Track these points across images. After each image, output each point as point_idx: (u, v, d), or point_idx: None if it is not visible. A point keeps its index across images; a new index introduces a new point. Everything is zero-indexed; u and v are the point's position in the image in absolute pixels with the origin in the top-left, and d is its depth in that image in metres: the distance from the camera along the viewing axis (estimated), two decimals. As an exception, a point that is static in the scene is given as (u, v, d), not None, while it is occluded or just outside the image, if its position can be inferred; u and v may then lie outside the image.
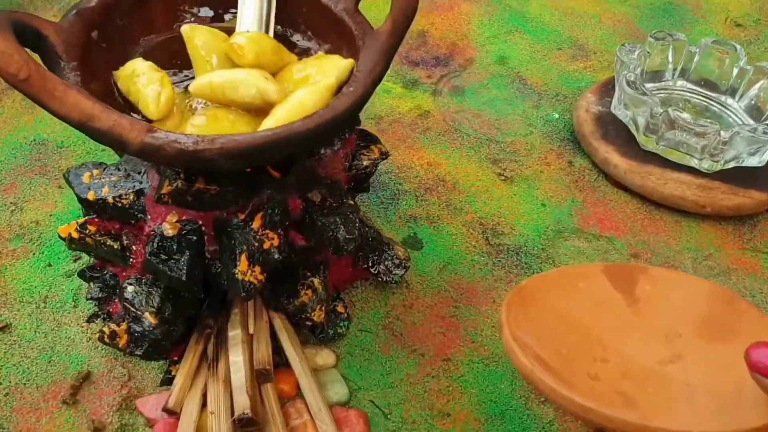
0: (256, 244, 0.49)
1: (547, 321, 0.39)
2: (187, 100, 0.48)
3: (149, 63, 0.48)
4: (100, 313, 0.57)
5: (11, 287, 0.59)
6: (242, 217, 0.50)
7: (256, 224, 0.50)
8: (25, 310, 0.57)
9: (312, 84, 0.47)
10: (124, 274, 0.53)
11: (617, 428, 0.32)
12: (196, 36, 0.49)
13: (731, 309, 0.37)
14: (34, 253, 0.61)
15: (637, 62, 0.76)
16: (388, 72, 0.51)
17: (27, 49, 0.44)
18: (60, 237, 0.52)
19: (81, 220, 0.51)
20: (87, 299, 0.57)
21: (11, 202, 0.65)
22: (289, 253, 0.53)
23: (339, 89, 0.47)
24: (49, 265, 0.61)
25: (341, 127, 0.47)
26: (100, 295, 0.56)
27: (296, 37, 0.55)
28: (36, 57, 0.46)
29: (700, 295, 0.39)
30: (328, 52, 0.53)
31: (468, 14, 0.97)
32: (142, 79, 0.47)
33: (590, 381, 0.35)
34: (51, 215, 0.64)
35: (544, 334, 0.38)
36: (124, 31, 0.51)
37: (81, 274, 0.56)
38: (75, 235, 0.51)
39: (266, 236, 0.50)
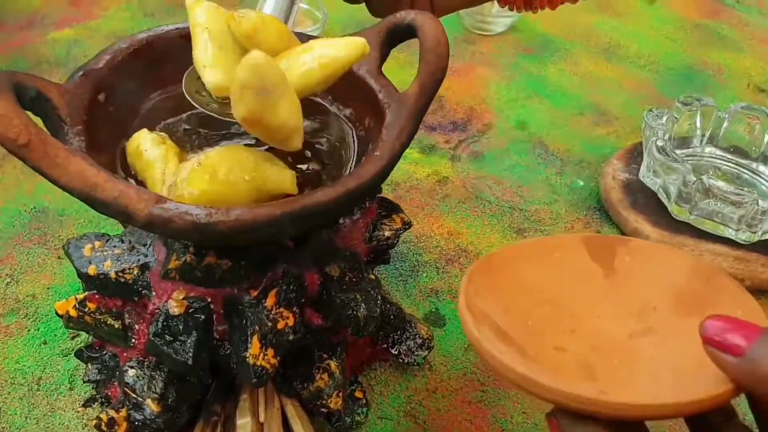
0: (270, 323, 0.45)
1: (516, 291, 0.37)
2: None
3: (153, 136, 0.44)
4: (97, 397, 0.52)
5: (2, 367, 0.54)
6: (255, 293, 0.45)
7: (269, 302, 0.45)
8: (17, 393, 0.53)
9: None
10: (125, 355, 0.49)
11: (564, 402, 0.30)
12: (199, 7, 0.45)
13: (710, 283, 0.35)
14: (28, 330, 0.57)
15: (665, 128, 0.73)
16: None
17: (28, 113, 0.41)
18: (57, 314, 0.47)
19: (80, 296, 0.47)
20: (84, 381, 0.52)
21: (7, 274, 0.61)
22: (305, 333, 0.49)
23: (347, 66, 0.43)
24: (45, 342, 0.56)
25: (366, 195, 0.44)
26: (98, 377, 0.52)
27: (317, 100, 0.52)
28: (38, 121, 0.43)
29: (680, 269, 0.37)
30: (351, 115, 0.50)
31: (485, 79, 0.95)
32: (146, 155, 0.43)
33: (555, 352, 0.34)
34: (48, 288, 0.60)
35: (511, 304, 0.36)
36: (134, 91, 0.48)
37: (78, 354, 0.52)
38: (73, 313, 0.47)
39: (280, 315, 0.46)
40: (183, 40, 0.50)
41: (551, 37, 1.05)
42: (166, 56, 0.50)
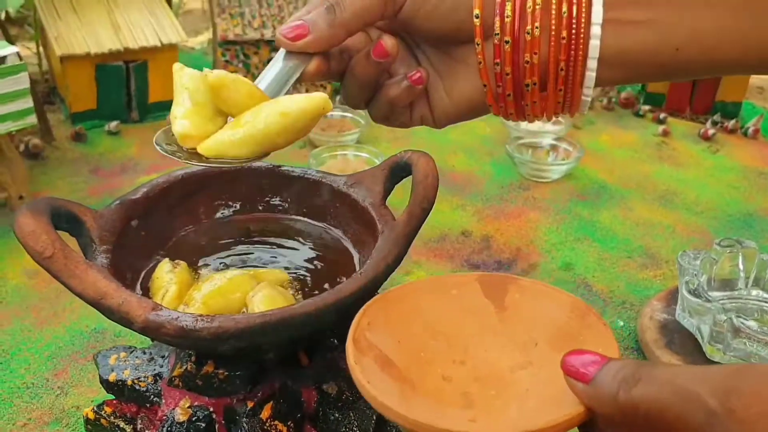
0: (263, 435, 0.48)
1: (412, 323, 0.41)
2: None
3: (168, 262, 0.50)
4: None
5: (36, 471, 0.59)
6: (251, 405, 0.48)
7: (265, 414, 0.48)
8: (44, 496, 0.57)
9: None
10: (134, 459, 0.52)
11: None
12: (183, 73, 0.46)
13: (583, 322, 0.39)
14: (67, 438, 0.62)
15: (700, 269, 0.72)
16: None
17: (65, 233, 0.48)
18: (84, 417, 0.52)
19: (100, 401, 0.52)
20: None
21: (59, 387, 0.67)
22: (303, 449, 0.51)
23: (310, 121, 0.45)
24: (79, 450, 0.60)
25: (348, 311, 0.47)
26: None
27: (323, 223, 0.57)
28: (73, 240, 0.50)
29: (561, 307, 0.40)
30: (353, 239, 0.55)
31: (536, 222, 0.97)
32: (160, 279, 0.49)
33: (441, 382, 0.38)
34: (92, 401, 0.65)
35: (405, 335, 0.40)
36: (166, 221, 0.55)
37: (100, 461, 0.55)
38: (91, 416, 0.51)
39: (275, 428, 0.48)
40: (216, 177, 0.57)
41: (607, 185, 1.08)
42: (198, 191, 0.57)
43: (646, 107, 1.31)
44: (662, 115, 1.27)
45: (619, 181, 1.09)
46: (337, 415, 0.50)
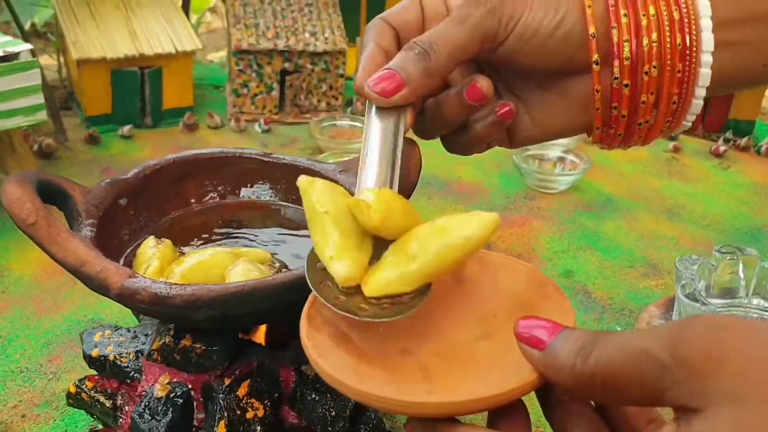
0: (239, 411, 0.48)
1: None
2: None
3: (153, 239, 0.51)
4: (93, 481, 0.56)
5: (22, 449, 0.59)
6: (228, 381, 0.49)
7: (241, 391, 0.49)
8: (27, 473, 0.57)
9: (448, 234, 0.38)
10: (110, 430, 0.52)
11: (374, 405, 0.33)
12: (314, 189, 0.39)
13: (541, 291, 0.39)
14: (54, 420, 0.62)
15: (697, 274, 0.72)
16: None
17: (53, 206, 0.49)
18: (67, 392, 0.53)
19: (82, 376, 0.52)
20: (84, 465, 0.56)
21: (52, 372, 0.68)
22: (278, 431, 0.51)
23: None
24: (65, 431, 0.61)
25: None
26: (96, 462, 0.55)
27: None
28: (61, 215, 0.51)
29: (520, 278, 0.40)
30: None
31: (538, 230, 0.97)
32: (143, 254, 0.50)
33: (399, 356, 0.37)
34: (83, 386, 0.66)
35: None
36: (155, 203, 0.56)
37: (83, 439, 0.56)
38: (72, 389, 0.52)
39: (251, 405, 0.48)
40: (206, 163, 0.58)
41: (613, 197, 1.07)
42: (189, 175, 0.58)
43: (658, 124, 1.30)
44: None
45: (626, 194, 1.08)
46: (314, 396, 0.50)
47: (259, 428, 0.48)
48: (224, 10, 1.30)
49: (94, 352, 0.52)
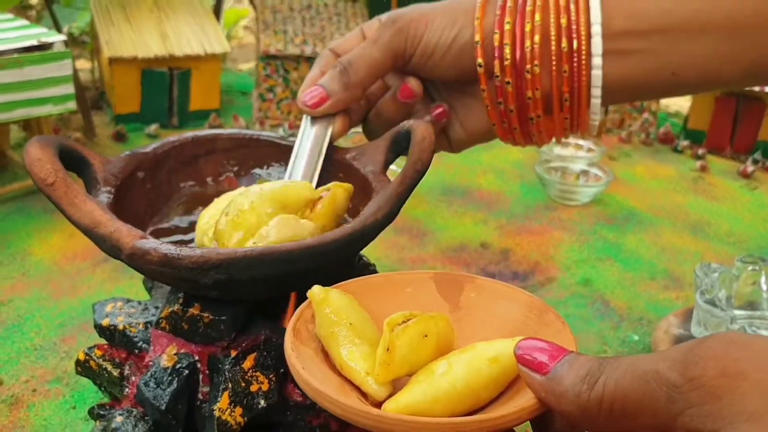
0: (243, 384, 0.48)
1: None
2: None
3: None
4: (98, 454, 0.55)
5: (30, 421, 0.60)
6: (234, 353, 0.49)
7: (247, 364, 0.48)
8: (34, 444, 0.57)
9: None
10: (119, 406, 0.52)
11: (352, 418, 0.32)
12: (330, 301, 0.39)
13: (540, 319, 0.36)
14: (64, 396, 0.63)
15: (718, 282, 0.70)
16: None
17: (75, 174, 0.50)
18: (76, 359, 0.53)
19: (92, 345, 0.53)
20: (89, 437, 0.56)
21: (65, 351, 0.68)
22: (285, 409, 0.50)
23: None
24: (74, 407, 0.61)
25: (330, 261, 0.47)
26: (102, 435, 0.55)
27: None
28: (81, 182, 0.51)
29: (518, 306, 0.38)
30: (352, 206, 0.55)
31: (558, 240, 0.96)
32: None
33: None
34: (95, 365, 0.66)
35: None
36: (172, 179, 0.56)
37: (90, 411, 0.56)
38: (81, 357, 0.52)
39: (256, 378, 0.48)
40: (225, 143, 0.59)
41: (637, 211, 1.06)
42: (207, 154, 0.58)
43: (686, 143, 1.29)
44: (701, 151, 1.25)
45: (650, 209, 1.07)
46: (320, 373, 0.49)
47: (262, 401, 0.48)
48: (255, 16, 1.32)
49: (105, 322, 0.53)
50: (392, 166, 0.55)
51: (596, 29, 0.45)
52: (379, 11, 1.55)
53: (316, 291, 0.38)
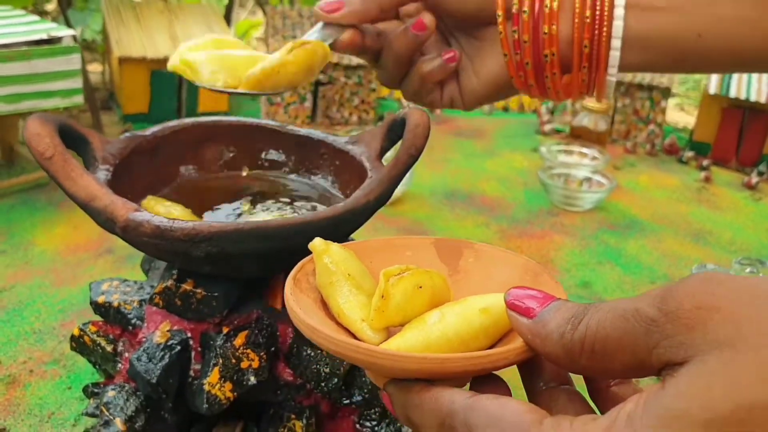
0: (234, 360, 0.48)
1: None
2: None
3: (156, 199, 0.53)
4: (93, 429, 0.56)
5: (26, 400, 0.60)
6: (226, 330, 0.49)
7: (238, 341, 0.49)
8: (28, 422, 0.58)
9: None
10: (112, 382, 0.53)
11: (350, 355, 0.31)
12: (330, 252, 0.38)
13: (536, 280, 0.37)
14: (60, 377, 0.63)
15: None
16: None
17: (75, 152, 0.51)
18: (71, 335, 0.54)
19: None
20: (83, 414, 0.56)
21: (63, 335, 0.69)
22: (275, 388, 0.51)
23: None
24: (69, 388, 0.62)
25: (321, 236, 0.47)
26: (96, 412, 0.56)
27: (320, 178, 0.59)
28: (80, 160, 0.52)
29: (514, 269, 0.38)
30: (344, 191, 0.56)
31: (559, 244, 0.97)
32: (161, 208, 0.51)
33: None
34: (92, 349, 0.67)
35: None
36: (170, 163, 0.57)
37: (84, 389, 0.57)
38: (76, 332, 0.53)
39: (246, 356, 0.49)
40: (225, 129, 0.60)
41: (639, 219, 1.06)
42: (206, 140, 0.59)
43: (690, 154, 1.29)
44: (705, 162, 1.25)
45: (652, 217, 1.07)
46: (310, 351, 0.50)
47: (252, 378, 0.48)
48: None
49: (101, 299, 0.53)
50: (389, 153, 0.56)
51: None
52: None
53: (317, 242, 0.38)
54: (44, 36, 0.85)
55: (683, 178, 1.23)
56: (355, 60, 1.24)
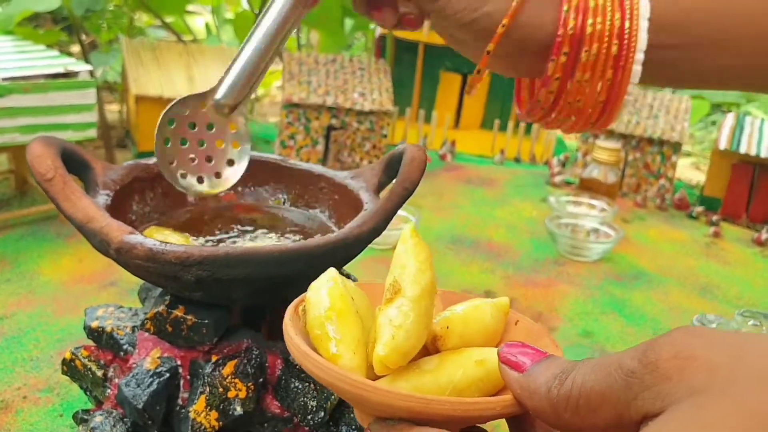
0: (221, 389, 0.48)
1: None
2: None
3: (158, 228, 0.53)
4: (78, 459, 0.56)
5: (17, 426, 0.60)
6: (215, 358, 0.49)
7: (226, 370, 0.49)
8: (17, 447, 0.58)
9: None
10: (101, 408, 0.53)
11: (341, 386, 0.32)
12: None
13: (537, 343, 0.37)
14: (53, 404, 0.63)
15: (717, 331, 0.70)
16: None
17: (76, 177, 0.52)
18: (62, 358, 0.54)
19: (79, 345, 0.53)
20: (70, 442, 0.56)
21: (59, 364, 0.69)
22: (261, 421, 0.50)
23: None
24: (61, 415, 0.62)
25: (312, 267, 0.47)
26: (83, 440, 0.56)
27: (318, 212, 0.59)
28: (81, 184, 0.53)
29: (517, 329, 0.40)
30: (342, 224, 0.56)
31: (564, 293, 0.96)
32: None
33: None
34: (87, 378, 0.67)
35: None
36: (169, 194, 0.58)
37: (74, 416, 0.56)
38: (68, 356, 0.53)
39: (234, 385, 0.49)
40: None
41: (646, 271, 1.05)
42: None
43: (700, 209, 1.29)
44: (715, 218, 1.25)
45: (659, 270, 1.06)
46: (298, 384, 0.50)
47: (239, 408, 0.48)
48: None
49: (94, 324, 0.54)
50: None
51: (644, 23, 0.44)
52: (404, 68, 1.58)
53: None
54: (61, 70, 0.87)
55: (692, 233, 1.22)
56: (368, 106, 1.25)
